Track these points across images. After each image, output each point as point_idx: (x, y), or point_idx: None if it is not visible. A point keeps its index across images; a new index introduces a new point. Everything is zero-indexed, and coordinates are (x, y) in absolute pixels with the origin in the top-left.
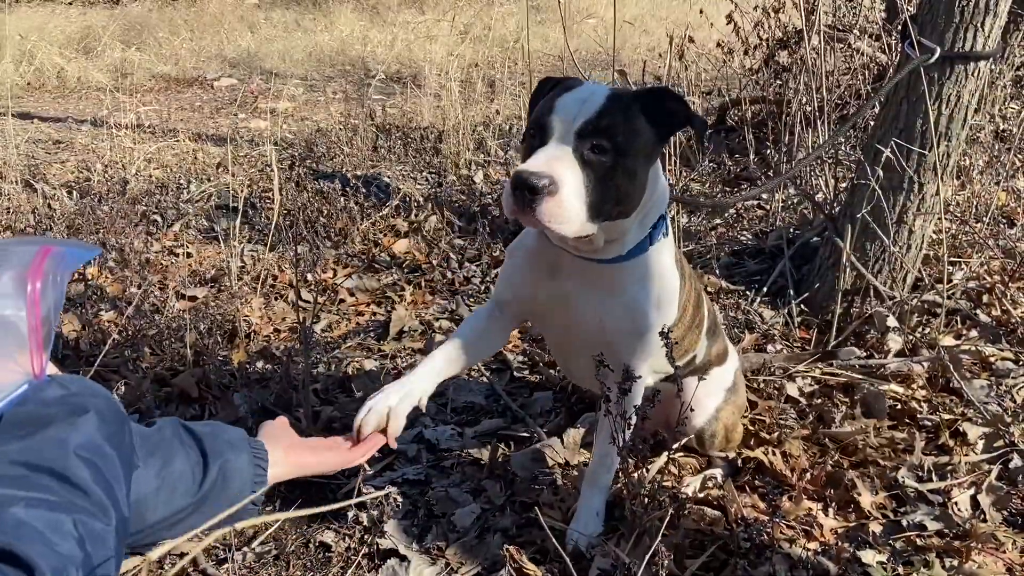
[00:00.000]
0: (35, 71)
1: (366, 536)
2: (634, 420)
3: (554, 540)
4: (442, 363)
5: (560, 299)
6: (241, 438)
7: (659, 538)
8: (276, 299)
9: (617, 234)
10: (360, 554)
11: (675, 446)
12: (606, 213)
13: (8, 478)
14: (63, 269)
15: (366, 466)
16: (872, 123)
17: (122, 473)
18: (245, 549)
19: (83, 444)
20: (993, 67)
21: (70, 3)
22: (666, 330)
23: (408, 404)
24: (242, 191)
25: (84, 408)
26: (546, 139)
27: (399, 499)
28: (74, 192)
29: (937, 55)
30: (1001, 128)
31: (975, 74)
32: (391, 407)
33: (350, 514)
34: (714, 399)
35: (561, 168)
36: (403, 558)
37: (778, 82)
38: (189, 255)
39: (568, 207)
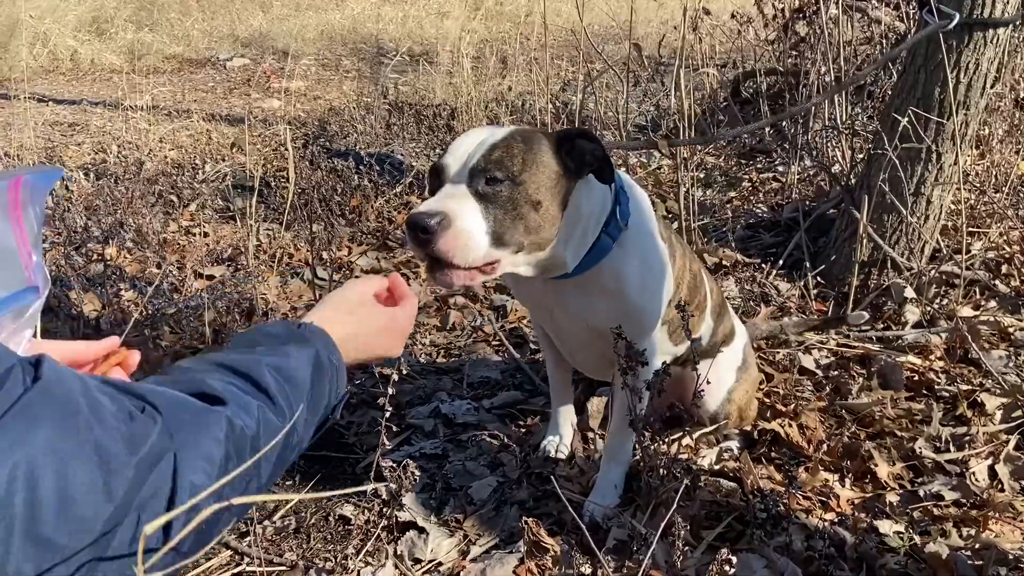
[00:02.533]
0: (49, 54)
1: (385, 509)
2: (647, 394)
3: (572, 511)
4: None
5: (547, 312)
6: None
7: (675, 509)
8: (292, 277)
9: (548, 262)
10: (379, 527)
11: (697, 434)
12: (516, 242)
13: (204, 369)
14: (36, 199)
15: (385, 440)
16: (889, 92)
17: (304, 405)
18: (266, 523)
19: (275, 364)
20: (1013, 34)
21: None
22: (682, 303)
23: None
24: (257, 170)
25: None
26: (442, 180)
27: (417, 473)
28: (91, 174)
29: (956, 21)
30: (1021, 96)
31: (994, 41)
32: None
33: (369, 487)
34: (725, 380)
35: (453, 203)
36: (421, 530)
37: (794, 53)
38: (206, 235)
39: (465, 237)
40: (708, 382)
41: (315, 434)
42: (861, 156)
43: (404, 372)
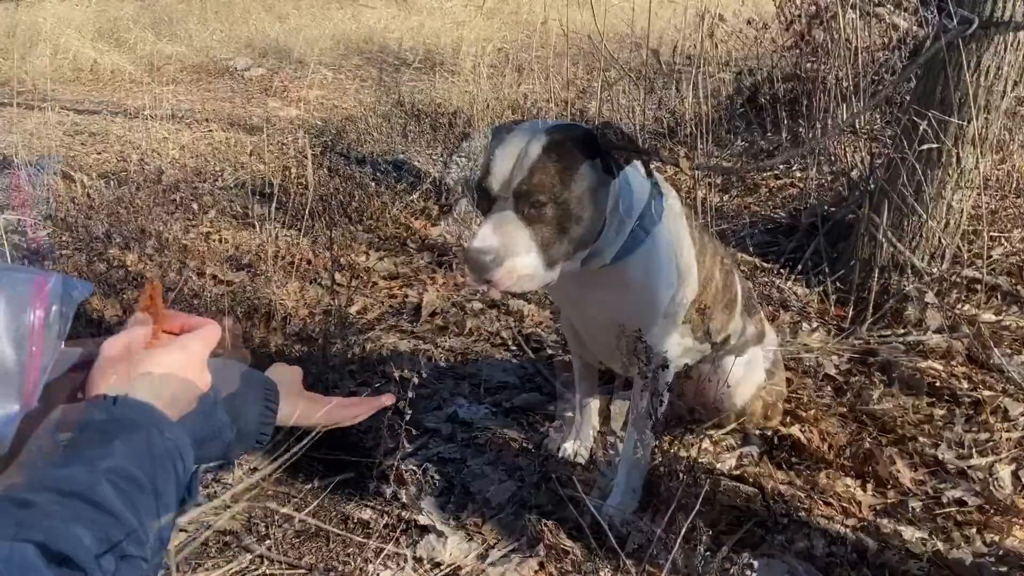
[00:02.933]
0: (69, 64)
1: (403, 513)
2: (666, 397)
3: (595, 512)
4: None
5: (574, 304)
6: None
7: (695, 514)
8: (311, 283)
9: (590, 254)
10: (398, 530)
11: (720, 432)
12: (565, 255)
13: (41, 506)
14: (68, 302)
15: (406, 443)
16: (908, 97)
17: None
18: (286, 526)
19: (111, 468)
20: None
21: None
22: (703, 307)
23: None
24: (275, 177)
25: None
26: (490, 203)
27: (436, 476)
28: (111, 182)
29: (975, 25)
30: None
31: (1014, 45)
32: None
33: (388, 491)
34: (755, 377)
35: (504, 235)
36: (440, 534)
37: (812, 59)
38: (225, 241)
39: (521, 269)
40: (730, 384)
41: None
42: (880, 161)
43: (424, 375)
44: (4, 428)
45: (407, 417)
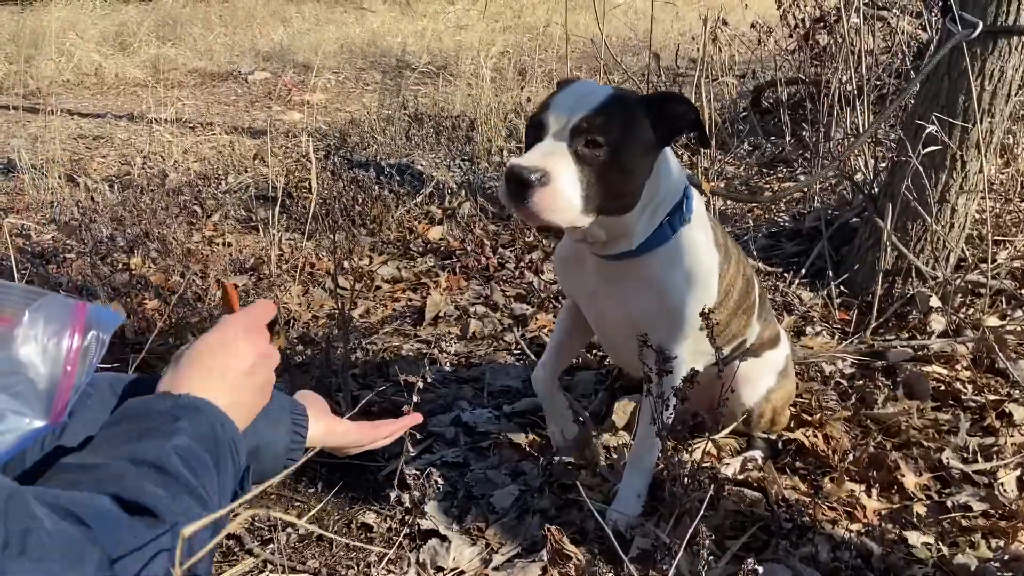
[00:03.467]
0: (74, 68)
1: (407, 517)
2: (673, 402)
3: (599, 517)
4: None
5: (590, 295)
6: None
7: (699, 518)
8: (314, 286)
9: (621, 230)
10: (401, 535)
11: (723, 432)
12: (603, 208)
13: (117, 467)
14: (105, 329)
15: (410, 447)
16: (913, 101)
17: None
18: (289, 529)
19: (179, 446)
20: None
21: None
22: (706, 311)
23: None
24: (279, 181)
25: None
26: (542, 136)
27: (440, 481)
28: (115, 185)
29: (979, 30)
30: None
31: (1019, 49)
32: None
33: (392, 495)
34: (766, 381)
35: (553, 162)
36: (444, 538)
37: (816, 63)
38: (229, 244)
39: (561, 198)
40: (741, 383)
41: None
42: (884, 164)
43: (428, 380)
44: (24, 442)
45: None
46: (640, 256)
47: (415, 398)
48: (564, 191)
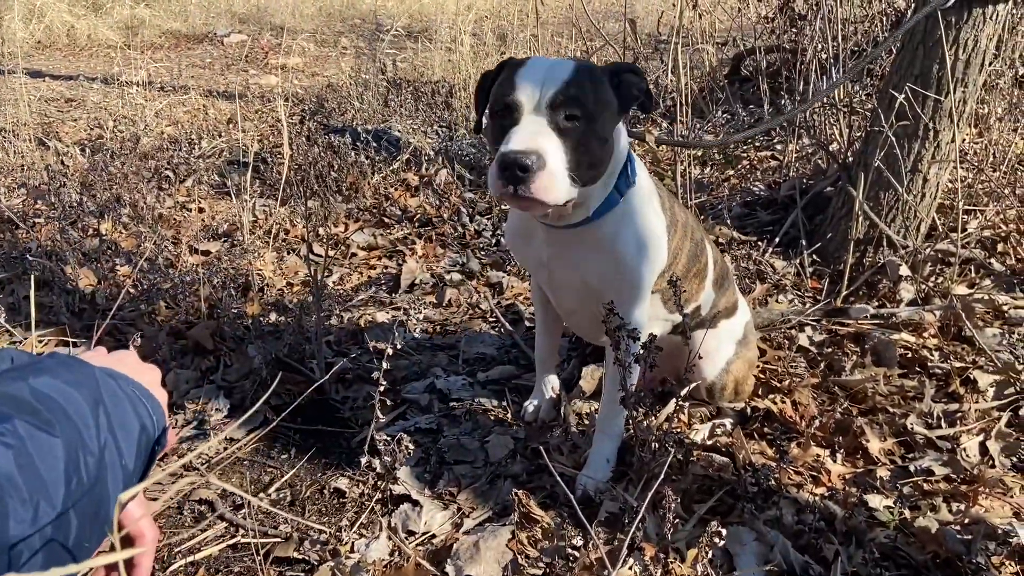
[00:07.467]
0: (45, 29)
1: (379, 482)
2: (636, 368)
3: (563, 485)
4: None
5: (543, 265)
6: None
7: (665, 482)
8: (288, 253)
9: (584, 198)
10: (373, 500)
11: (683, 392)
12: (583, 177)
13: None
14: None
15: (379, 414)
16: (887, 70)
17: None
18: (261, 495)
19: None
20: (1013, 11)
21: None
22: (674, 279)
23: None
24: (253, 146)
25: None
26: (517, 116)
27: (411, 446)
28: (87, 149)
29: None
30: (1020, 74)
31: (993, 18)
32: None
33: (363, 460)
34: (724, 351)
35: (543, 141)
36: (415, 503)
37: (793, 30)
38: (201, 210)
39: (556, 178)
40: (701, 355)
41: (146, 467)
42: (859, 134)
43: (399, 347)
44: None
45: (382, 388)
46: (590, 224)
47: (385, 364)
48: (558, 171)
